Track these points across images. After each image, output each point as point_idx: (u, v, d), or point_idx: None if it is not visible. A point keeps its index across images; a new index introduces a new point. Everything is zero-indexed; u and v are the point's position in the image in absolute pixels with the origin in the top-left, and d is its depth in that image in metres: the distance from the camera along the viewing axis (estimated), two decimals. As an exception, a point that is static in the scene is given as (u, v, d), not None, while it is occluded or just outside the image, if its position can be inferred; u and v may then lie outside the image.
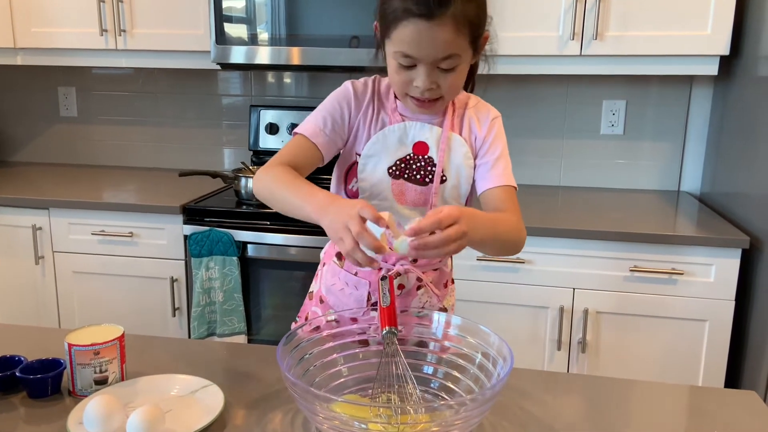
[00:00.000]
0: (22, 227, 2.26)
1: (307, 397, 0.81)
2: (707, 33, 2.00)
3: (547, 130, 2.48)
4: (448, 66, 1.01)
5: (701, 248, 1.85)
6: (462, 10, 0.96)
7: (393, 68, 1.04)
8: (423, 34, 0.97)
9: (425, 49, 0.98)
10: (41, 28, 2.41)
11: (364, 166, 1.13)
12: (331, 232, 0.91)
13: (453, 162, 1.13)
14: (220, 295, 2.10)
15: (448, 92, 1.05)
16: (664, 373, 1.95)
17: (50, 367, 1.00)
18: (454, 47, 0.99)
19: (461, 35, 0.98)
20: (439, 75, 1.02)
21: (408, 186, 1.12)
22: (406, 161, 1.12)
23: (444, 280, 1.23)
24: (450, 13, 0.95)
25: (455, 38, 0.97)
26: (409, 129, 1.12)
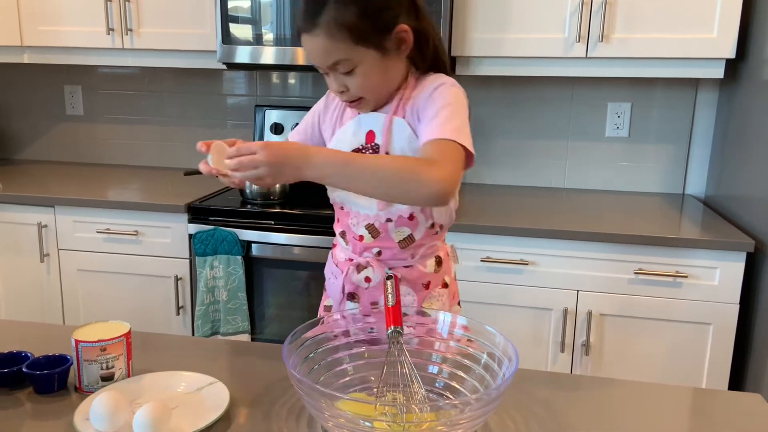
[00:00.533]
0: (28, 225, 2.27)
1: (313, 394, 0.81)
2: (713, 36, 1.99)
3: (552, 132, 2.48)
4: (345, 70, 1.05)
5: (706, 251, 1.85)
6: (335, 17, 1.00)
7: None
8: (307, 46, 1.05)
9: (315, 60, 1.06)
10: (48, 27, 2.42)
11: None
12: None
13: (396, 145, 1.11)
14: (224, 294, 2.11)
15: (363, 92, 1.08)
16: (667, 376, 1.95)
17: (57, 363, 1.00)
18: (338, 53, 1.03)
19: (339, 41, 1.01)
20: (345, 79, 1.07)
21: None
22: (359, 151, 1.15)
23: (423, 281, 1.18)
24: (322, 22, 1.01)
25: (333, 45, 1.02)
26: (362, 121, 1.15)
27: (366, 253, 1.17)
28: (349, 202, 1.16)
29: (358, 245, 1.18)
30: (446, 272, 1.22)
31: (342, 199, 1.17)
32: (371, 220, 1.15)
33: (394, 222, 1.14)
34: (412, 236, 1.15)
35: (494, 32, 2.12)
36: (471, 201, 2.28)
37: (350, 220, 1.17)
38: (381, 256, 1.17)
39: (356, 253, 1.18)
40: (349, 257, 1.20)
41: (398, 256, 1.16)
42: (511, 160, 2.53)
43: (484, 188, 2.49)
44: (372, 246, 1.16)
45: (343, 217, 1.20)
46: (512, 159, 2.53)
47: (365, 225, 1.15)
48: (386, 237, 1.15)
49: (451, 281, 1.25)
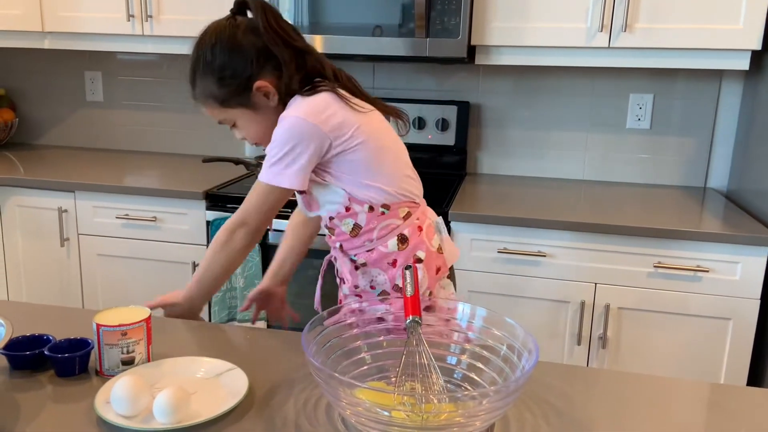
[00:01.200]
0: (49, 209, 2.29)
1: (331, 382, 0.81)
2: (739, 27, 1.96)
3: (572, 123, 2.46)
4: (230, 125, 1.24)
5: (727, 246, 1.82)
6: (201, 90, 1.20)
7: None
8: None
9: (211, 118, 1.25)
10: (69, 13, 2.44)
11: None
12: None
13: None
14: (240, 280, 2.12)
15: (253, 139, 1.25)
16: (685, 371, 1.93)
17: (78, 346, 1.01)
18: (216, 115, 1.23)
19: (211, 107, 1.21)
20: (235, 131, 1.26)
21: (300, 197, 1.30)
22: None
23: (388, 260, 1.24)
24: (196, 95, 1.22)
25: (210, 110, 1.22)
26: None
27: (333, 245, 1.31)
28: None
29: (330, 241, 1.32)
30: (417, 248, 1.25)
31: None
32: (325, 221, 1.28)
33: (336, 217, 1.24)
34: (357, 224, 1.24)
35: (514, 21, 2.10)
36: (487, 192, 2.27)
37: (322, 222, 1.31)
38: (343, 247, 1.28)
39: (331, 247, 1.32)
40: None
41: (355, 244, 1.26)
42: (529, 151, 2.51)
43: (501, 179, 2.47)
44: (335, 241, 1.29)
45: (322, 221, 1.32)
46: (531, 150, 2.50)
47: (325, 225, 1.29)
48: (339, 231, 1.26)
49: (429, 255, 1.26)
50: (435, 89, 2.52)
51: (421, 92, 2.57)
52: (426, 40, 2.07)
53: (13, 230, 2.34)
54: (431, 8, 2.05)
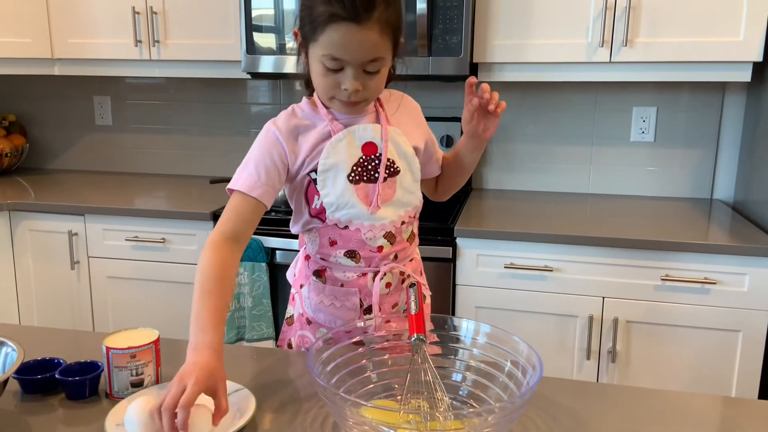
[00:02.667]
0: (59, 233, 2.32)
1: (337, 401, 0.82)
2: (739, 39, 1.97)
3: (576, 137, 2.47)
4: (374, 68, 1.06)
5: (735, 257, 1.82)
6: (386, 15, 1.02)
7: (319, 72, 1.07)
8: (351, 37, 1.01)
9: (353, 52, 1.02)
10: (78, 39, 2.49)
11: (324, 182, 1.14)
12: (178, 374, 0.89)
13: (399, 152, 1.17)
14: (249, 300, 2.13)
15: (372, 93, 1.10)
16: (695, 384, 1.92)
17: (88, 369, 1.03)
18: (380, 50, 1.04)
19: (385, 38, 1.04)
20: (365, 77, 1.06)
21: (370, 187, 1.15)
22: (360, 164, 1.14)
23: (420, 268, 1.29)
24: (375, 17, 1.00)
25: (380, 41, 1.03)
26: (354, 133, 1.14)
27: (384, 261, 1.19)
28: (361, 217, 1.14)
29: (375, 257, 1.18)
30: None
31: (351, 217, 1.14)
32: (388, 228, 1.17)
33: (406, 223, 1.20)
34: (413, 231, 1.24)
35: (516, 38, 2.12)
36: (493, 207, 2.28)
37: (364, 236, 1.16)
38: (397, 258, 1.21)
39: (372, 266, 1.19)
40: (361, 272, 1.19)
41: (407, 252, 1.23)
42: (535, 166, 2.52)
43: (507, 194, 2.48)
44: (390, 252, 1.19)
45: (350, 236, 1.16)
46: (536, 164, 2.51)
47: (383, 235, 1.16)
48: (400, 239, 1.20)
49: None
50: (439, 106, 2.55)
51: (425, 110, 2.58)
52: (429, 58, 2.10)
53: (25, 254, 2.37)
54: (433, 27, 2.07)
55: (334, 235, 1.17)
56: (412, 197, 1.20)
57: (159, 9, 2.37)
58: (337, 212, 1.14)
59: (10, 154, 2.80)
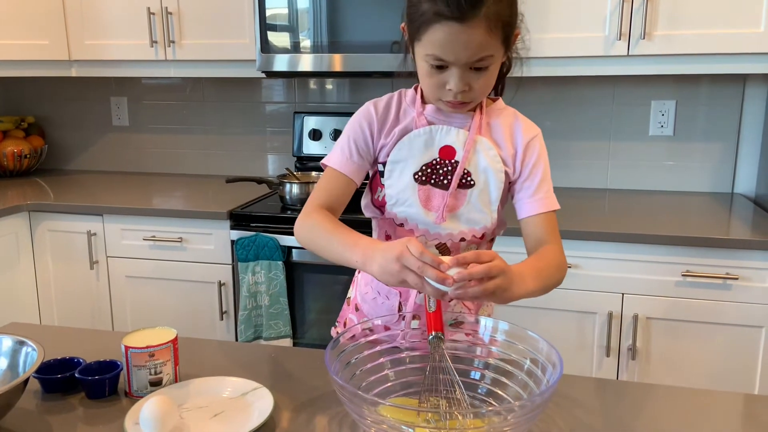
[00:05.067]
0: (78, 233, 2.34)
1: (355, 400, 0.81)
2: (760, 30, 1.93)
3: (594, 132, 2.44)
4: (482, 65, 0.99)
5: (757, 252, 1.79)
6: (495, 11, 0.94)
7: (424, 71, 1.02)
8: (455, 36, 0.95)
9: (458, 52, 0.96)
10: (94, 41, 2.51)
11: (390, 173, 1.11)
12: (386, 276, 0.89)
13: (480, 165, 1.09)
14: (266, 299, 2.14)
15: (480, 92, 1.03)
16: (717, 381, 1.89)
17: (107, 368, 1.03)
18: (487, 48, 0.97)
19: (494, 36, 0.96)
20: (472, 76, 1.00)
21: (435, 191, 1.10)
22: (432, 166, 1.09)
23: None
24: (482, 14, 0.93)
25: (488, 39, 0.95)
26: (435, 133, 1.09)
27: None
28: (416, 219, 1.11)
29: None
30: None
31: (407, 215, 1.11)
32: (443, 239, 1.12)
33: (467, 241, 1.12)
34: (478, 247, 1.15)
35: (533, 32, 2.06)
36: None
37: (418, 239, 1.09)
38: None
39: None
40: None
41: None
42: (553, 161, 2.45)
43: (524, 190, 2.46)
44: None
45: (402, 235, 1.11)
46: (554, 160, 2.45)
47: (435, 245, 1.12)
48: (456, 253, 1.10)
49: None
50: (454, 103, 2.53)
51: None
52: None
53: (44, 254, 2.40)
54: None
55: (390, 229, 1.15)
56: (482, 217, 1.11)
57: (174, 9, 2.38)
58: (395, 207, 1.11)
59: (29, 155, 2.83)
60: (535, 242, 1.10)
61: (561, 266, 1.07)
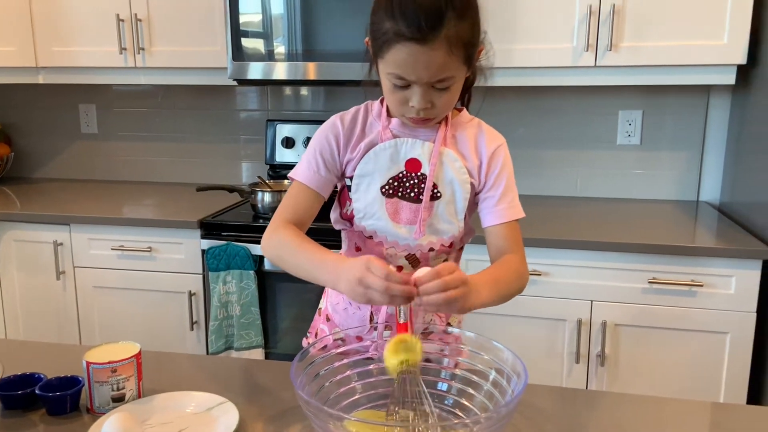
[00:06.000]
0: (44, 243, 2.30)
1: (321, 415, 0.81)
2: (723, 42, 1.98)
3: (564, 141, 2.47)
4: (443, 86, 1.00)
5: (721, 260, 1.82)
6: (455, 32, 0.95)
7: (387, 88, 1.03)
8: (416, 57, 0.95)
9: (419, 72, 0.97)
10: (62, 48, 2.47)
11: (357, 187, 1.11)
12: (354, 296, 0.90)
13: (446, 177, 1.10)
14: (237, 308, 2.12)
15: (442, 109, 1.04)
16: (684, 386, 1.92)
17: (69, 384, 1.01)
18: (449, 69, 0.97)
19: (454, 57, 0.96)
20: (434, 94, 1.00)
21: (402, 204, 1.10)
22: (398, 179, 1.10)
23: None
24: (443, 35, 0.93)
25: (449, 60, 0.96)
26: (400, 146, 1.10)
27: None
28: (385, 231, 1.11)
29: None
30: None
31: (376, 228, 1.12)
32: (413, 251, 1.12)
33: (436, 251, 1.13)
34: (447, 260, 1.16)
35: (503, 43, 2.12)
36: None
37: (386, 251, 1.13)
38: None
39: None
40: None
41: None
42: (524, 170, 2.51)
43: (495, 198, 2.48)
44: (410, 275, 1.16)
45: (372, 247, 1.14)
46: (525, 168, 2.51)
47: (405, 255, 1.13)
48: (425, 265, 1.13)
49: None
50: (426, 112, 2.54)
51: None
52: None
53: (10, 265, 2.35)
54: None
55: (359, 241, 1.15)
56: (449, 227, 1.12)
57: (144, 16, 2.36)
58: (364, 220, 1.12)
59: (-6, 163, 2.77)
60: (496, 251, 1.11)
61: (520, 276, 1.08)
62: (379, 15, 0.98)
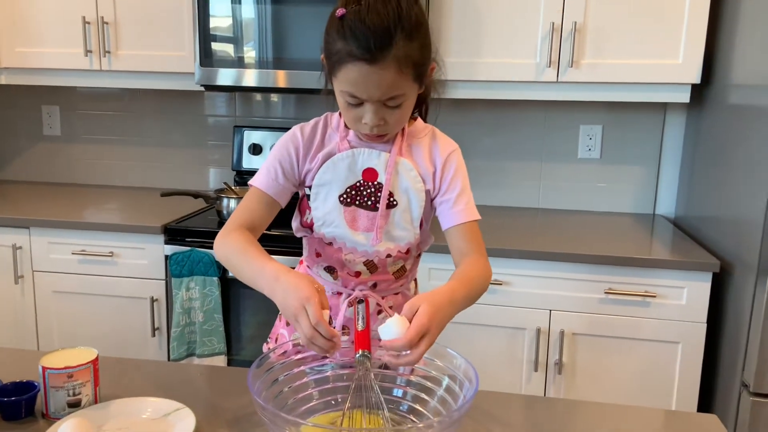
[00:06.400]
0: (2, 246, 2.25)
1: (277, 420, 0.82)
2: (678, 62, 2.06)
3: (526, 153, 2.53)
4: (394, 104, 1.03)
5: (674, 271, 1.89)
6: (405, 53, 0.98)
7: (341, 104, 1.07)
8: (367, 77, 0.98)
9: (370, 91, 1.00)
10: (26, 48, 2.43)
11: (316, 196, 1.14)
12: (284, 311, 0.92)
13: (401, 186, 1.13)
14: (200, 315, 2.11)
15: (395, 126, 1.08)
16: (638, 394, 1.98)
17: (24, 389, 1.01)
18: (399, 87, 1.00)
19: (404, 76, 0.99)
20: (386, 111, 1.03)
21: (360, 212, 1.13)
22: (356, 188, 1.13)
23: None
24: (392, 55, 0.97)
25: (398, 79, 0.99)
26: (357, 156, 1.13)
27: (360, 286, 1.19)
28: (344, 238, 1.15)
29: (351, 281, 1.19)
30: (415, 292, 1.28)
31: (335, 235, 1.15)
32: (370, 257, 1.15)
33: (393, 257, 1.17)
34: (404, 267, 1.20)
35: (468, 57, 2.17)
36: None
37: (344, 257, 1.16)
38: (376, 288, 1.20)
39: (348, 288, 1.20)
40: (337, 291, 1.21)
41: (392, 286, 1.21)
42: (486, 180, 2.57)
43: (460, 208, 2.52)
44: (368, 280, 1.19)
45: (331, 253, 1.17)
46: (488, 179, 2.56)
47: (363, 261, 1.16)
48: (383, 271, 1.18)
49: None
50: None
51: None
52: (382, 75, 2.12)
53: (-34, 268, 2.29)
54: (386, 45, 2.10)
55: (319, 247, 1.18)
56: (406, 234, 1.15)
57: (110, 19, 2.34)
58: (323, 228, 1.15)
59: (-48, 164, 2.71)
60: (458, 252, 1.14)
61: (483, 277, 1.10)
62: (331, 35, 1.01)
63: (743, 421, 1.75)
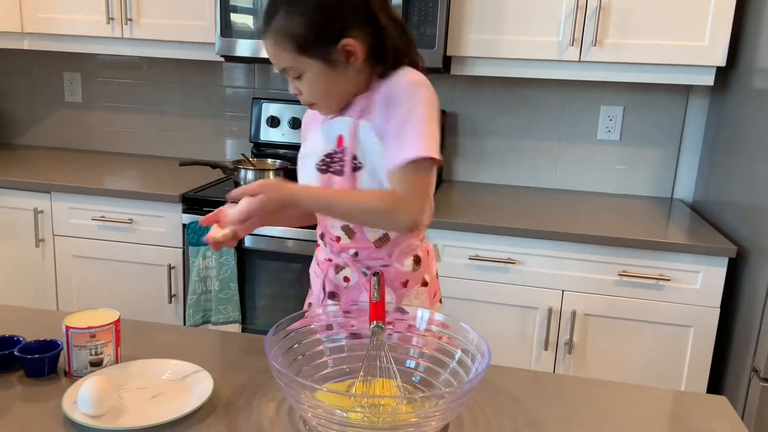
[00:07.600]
0: (24, 210, 2.30)
1: (293, 385, 0.85)
2: (704, 44, 2.02)
3: (544, 133, 2.51)
4: (293, 75, 1.10)
5: (689, 255, 1.88)
6: (282, 26, 1.05)
7: None
8: (265, 48, 1.10)
9: (271, 61, 1.11)
10: (48, 14, 2.44)
11: (300, 168, 1.23)
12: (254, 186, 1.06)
13: (364, 148, 1.12)
14: (216, 283, 2.14)
15: (315, 97, 1.13)
16: (648, 376, 1.99)
17: (48, 348, 1.04)
18: (283, 60, 1.08)
19: (285, 49, 1.06)
20: (296, 83, 1.12)
21: (334, 179, 1.16)
22: (330, 156, 1.16)
23: (401, 280, 1.20)
24: (271, 29, 1.06)
25: (280, 52, 1.07)
26: (331, 125, 1.17)
27: (343, 254, 1.21)
28: None
29: (335, 246, 1.22)
30: (426, 271, 1.24)
31: None
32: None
33: None
34: (387, 235, 1.19)
35: (490, 34, 2.15)
36: (461, 199, 2.31)
37: (328, 222, 1.21)
38: (358, 256, 1.20)
39: (334, 254, 1.23)
40: (328, 257, 1.24)
41: (374, 255, 1.19)
42: (503, 160, 2.56)
43: (475, 186, 2.52)
44: (349, 247, 1.20)
45: (321, 219, 1.23)
46: (504, 159, 2.56)
47: (341, 226, 1.19)
48: (362, 237, 1.18)
49: (432, 280, 1.27)
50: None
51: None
52: (402, 49, 2.11)
53: (-12, 230, 2.34)
54: (407, 19, 2.09)
55: (317, 215, 1.26)
56: None
57: (133, -13, 2.34)
58: None
59: (-25, 127, 2.74)
60: None
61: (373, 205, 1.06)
62: None
63: (752, 406, 1.76)
